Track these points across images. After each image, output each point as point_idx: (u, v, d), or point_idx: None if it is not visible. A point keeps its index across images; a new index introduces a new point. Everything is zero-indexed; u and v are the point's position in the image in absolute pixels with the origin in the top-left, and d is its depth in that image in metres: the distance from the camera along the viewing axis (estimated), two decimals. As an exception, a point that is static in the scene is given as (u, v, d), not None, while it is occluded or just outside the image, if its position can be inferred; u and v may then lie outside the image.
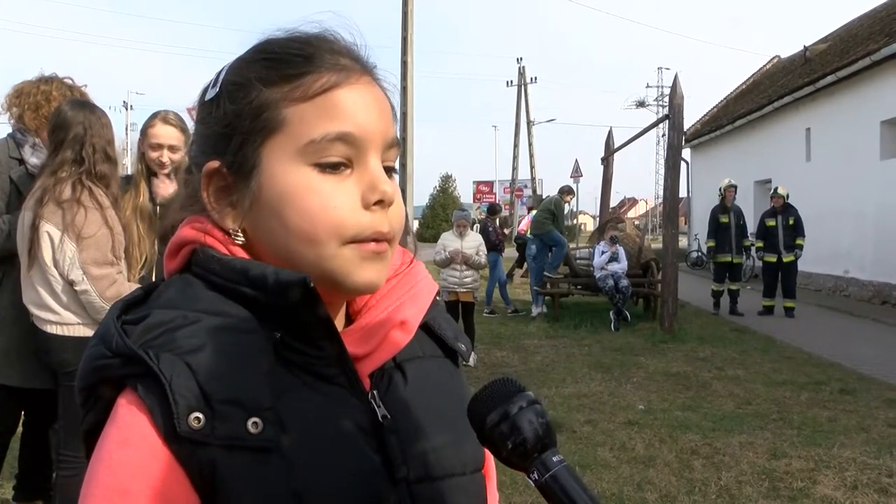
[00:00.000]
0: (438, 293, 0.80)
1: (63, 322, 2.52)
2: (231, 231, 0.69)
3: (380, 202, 0.67)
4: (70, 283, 2.48)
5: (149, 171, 2.90)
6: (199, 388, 0.59)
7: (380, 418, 0.69)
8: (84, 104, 2.64)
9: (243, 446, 0.60)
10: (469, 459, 0.75)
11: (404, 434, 0.70)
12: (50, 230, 2.46)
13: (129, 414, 0.60)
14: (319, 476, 0.62)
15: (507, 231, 13.70)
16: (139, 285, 0.81)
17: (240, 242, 0.69)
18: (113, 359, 0.61)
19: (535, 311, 11.25)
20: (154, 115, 2.92)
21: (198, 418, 0.58)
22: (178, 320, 0.63)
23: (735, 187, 11.25)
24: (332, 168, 0.66)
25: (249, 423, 0.60)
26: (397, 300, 0.74)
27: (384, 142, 0.69)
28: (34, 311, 2.54)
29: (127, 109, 46.72)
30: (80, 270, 2.46)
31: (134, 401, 0.60)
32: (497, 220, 13.33)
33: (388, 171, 0.70)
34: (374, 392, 0.70)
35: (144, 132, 2.91)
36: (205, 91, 0.72)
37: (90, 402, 0.64)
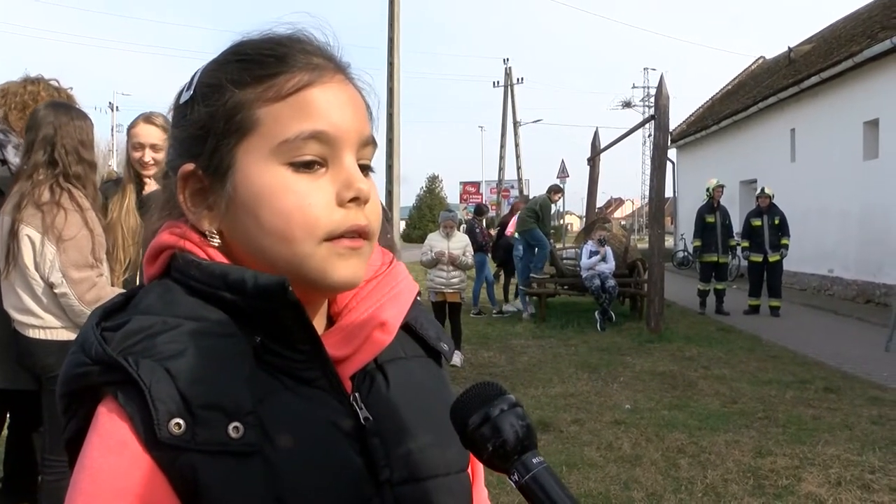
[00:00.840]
0: (419, 293, 0.80)
1: (46, 326, 2.48)
2: (207, 233, 0.69)
3: (355, 199, 0.67)
4: (50, 287, 2.44)
5: (137, 174, 2.88)
6: (179, 394, 0.59)
7: (362, 420, 0.69)
8: (59, 105, 2.60)
9: (225, 451, 0.59)
10: (454, 460, 0.74)
11: (387, 436, 0.70)
12: (30, 233, 2.42)
13: (110, 422, 0.59)
14: (302, 479, 0.62)
15: (493, 231, 13.71)
16: (121, 289, 0.81)
17: (215, 244, 0.69)
18: (92, 366, 0.61)
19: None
20: (138, 116, 2.91)
21: (178, 424, 0.58)
22: (158, 326, 0.62)
23: (723, 187, 11.34)
24: (307, 167, 0.66)
25: (230, 427, 0.60)
26: (378, 301, 0.74)
27: (359, 140, 0.69)
28: (16, 315, 2.50)
29: (113, 111, 46.22)
30: (60, 273, 2.42)
31: (114, 408, 0.60)
32: (484, 221, 13.34)
33: (365, 169, 0.70)
34: (356, 394, 0.70)
35: (128, 133, 2.90)
36: (179, 94, 0.71)
37: (72, 410, 0.64)
